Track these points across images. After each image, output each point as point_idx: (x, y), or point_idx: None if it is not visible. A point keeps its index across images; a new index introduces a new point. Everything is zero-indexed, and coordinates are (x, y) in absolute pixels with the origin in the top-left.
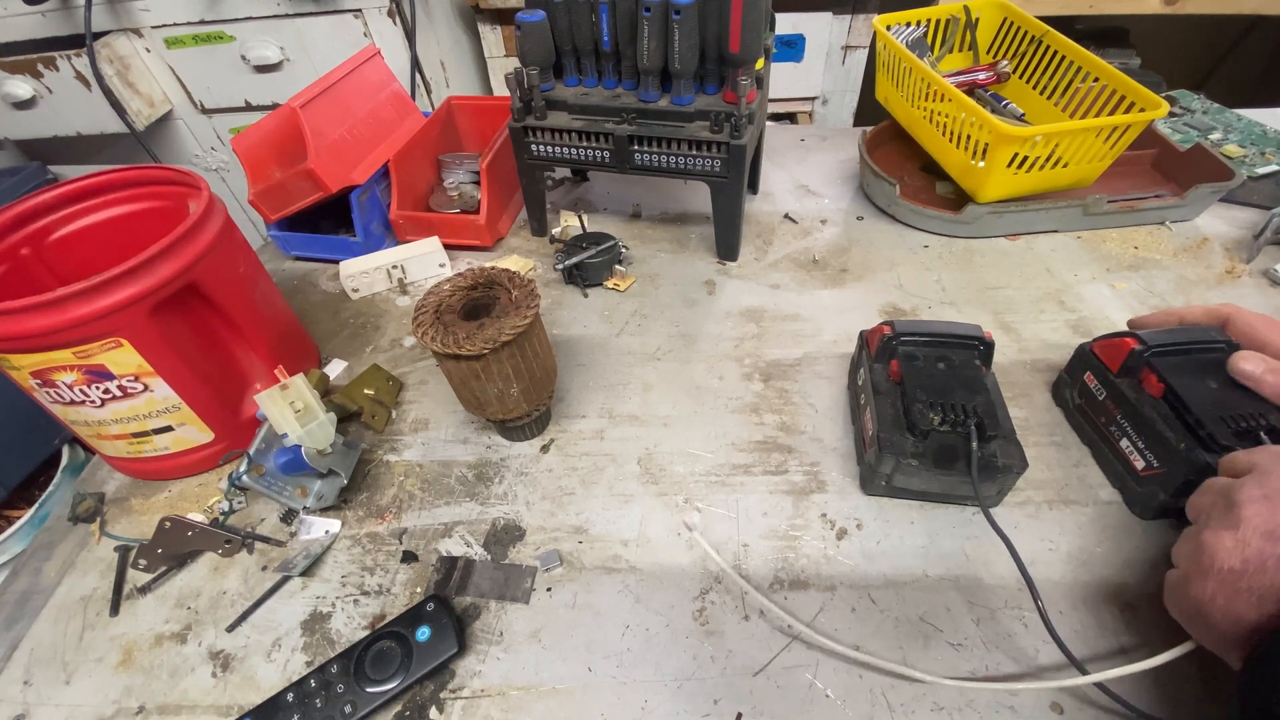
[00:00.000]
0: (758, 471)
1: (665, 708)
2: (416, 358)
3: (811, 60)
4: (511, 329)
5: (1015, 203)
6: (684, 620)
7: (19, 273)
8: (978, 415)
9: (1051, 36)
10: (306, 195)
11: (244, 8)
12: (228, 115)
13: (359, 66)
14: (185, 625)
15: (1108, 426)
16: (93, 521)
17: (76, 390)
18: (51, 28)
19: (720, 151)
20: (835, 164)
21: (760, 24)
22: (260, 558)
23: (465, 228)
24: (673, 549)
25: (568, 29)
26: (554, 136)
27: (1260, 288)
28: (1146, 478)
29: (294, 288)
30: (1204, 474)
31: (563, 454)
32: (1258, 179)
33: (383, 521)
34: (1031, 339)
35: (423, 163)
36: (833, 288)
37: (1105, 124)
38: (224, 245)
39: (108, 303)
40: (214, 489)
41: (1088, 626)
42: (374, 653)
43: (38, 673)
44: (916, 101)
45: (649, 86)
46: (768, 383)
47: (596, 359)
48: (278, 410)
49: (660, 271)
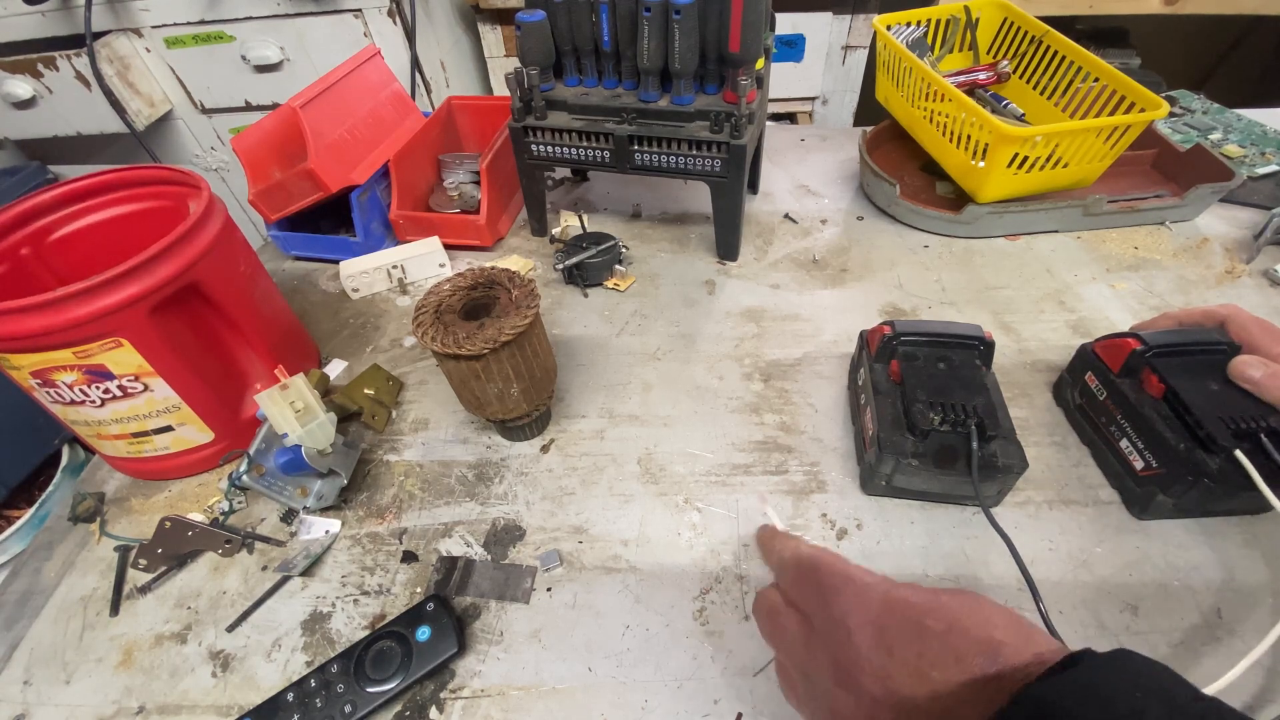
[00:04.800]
0: (758, 471)
1: (665, 708)
2: (416, 358)
3: (811, 60)
4: (511, 329)
5: (1015, 203)
6: (684, 620)
7: (19, 273)
8: (978, 415)
9: (1051, 36)
10: (306, 195)
11: (244, 8)
12: (228, 115)
13: (359, 66)
14: (185, 625)
15: (1108, 426)
16: (93, 521)
17: (76, 390)
18: (51, 28)
19: (720, 151)
20: (835, 164)
21: (760, 24)
22: (260, 558)
23: (465, 228)
24: (673, 549)
25: (568, 29)
26: (554, 136)
27: (1260, 288)
28: (1145, 478)
29: (294, 288)
30: (1204, 475)
31: (563, 454)
32: (1258, 179)
33: (383, 521)
34: (1031, 339)
35: (423, 163)
36: (833, 288)
37: (1105, 124)
38: (224, 245)
39: (108, 303)
40: (214, 489)
41: (1088, 626)
42: (374, 653)
43: (38, 673)
44: (916, 101)
45: (649, 86)
46: (768, 383)
47: (596, 359)
48: (278, 410)
49: (660, 271)
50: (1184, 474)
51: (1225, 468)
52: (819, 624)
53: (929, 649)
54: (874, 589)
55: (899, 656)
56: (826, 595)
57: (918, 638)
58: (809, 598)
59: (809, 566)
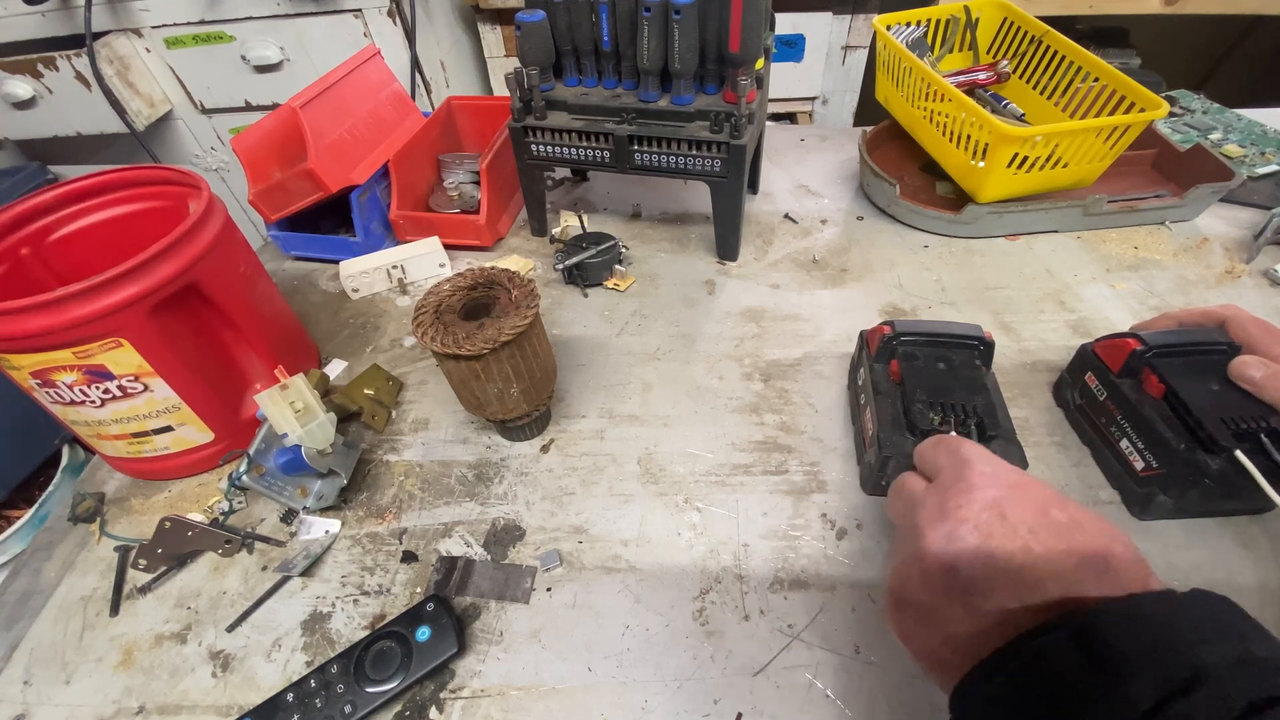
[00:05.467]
0: (758, 471)
1: (665, 708)
2: (416, 358)
3: (811, 60)
4: (511, 329)
5: (1015, 203)
6: (684, 620)
7: (19, 273)
8: (978, 415)
9: (1051, 36)
10: (306, 195)
11: (244, 8)
12: (228, 115)
13: (359, 66)
14: (185, 625)
15: (1108, 427)
16: (93, 521)
17: (76, 390)
18: (51, 28)
19: (720, 151)
20: (835, 164)
21: (760, 24)
22: (260, 558)
23: (465, 228)
24: (673, 549)
25: (568, 29)
26: (554, 136)
27: (1260, 288)
28: (1146, 478)
29: (294, 288)
30: (1204, 475)
31: (563, 454)
32: (1258, 179)
33: (383, 521)
34: (1031, 339)
35: (423, 163)
36: (833, 288)
37: (1105, 124)
38: (224, 245)
39: (108, 303)
40: (214, 489)
41: None
42: (374, 653)
43: (38, 673)
44: (916, 101)
45: (649, 86)
46: (768, 383)
47: (596, 359)
48: (278, 410)
49: (660, 271)
50: (1184, 474)
51: (1225, 468)
52: (943, 479)
53: (1043, 527)
54: (1014, 473)
55: (1011, 521)
56: (960, 461)
57: (1036, 514)
58: (943, 461)
59: (953, 441)
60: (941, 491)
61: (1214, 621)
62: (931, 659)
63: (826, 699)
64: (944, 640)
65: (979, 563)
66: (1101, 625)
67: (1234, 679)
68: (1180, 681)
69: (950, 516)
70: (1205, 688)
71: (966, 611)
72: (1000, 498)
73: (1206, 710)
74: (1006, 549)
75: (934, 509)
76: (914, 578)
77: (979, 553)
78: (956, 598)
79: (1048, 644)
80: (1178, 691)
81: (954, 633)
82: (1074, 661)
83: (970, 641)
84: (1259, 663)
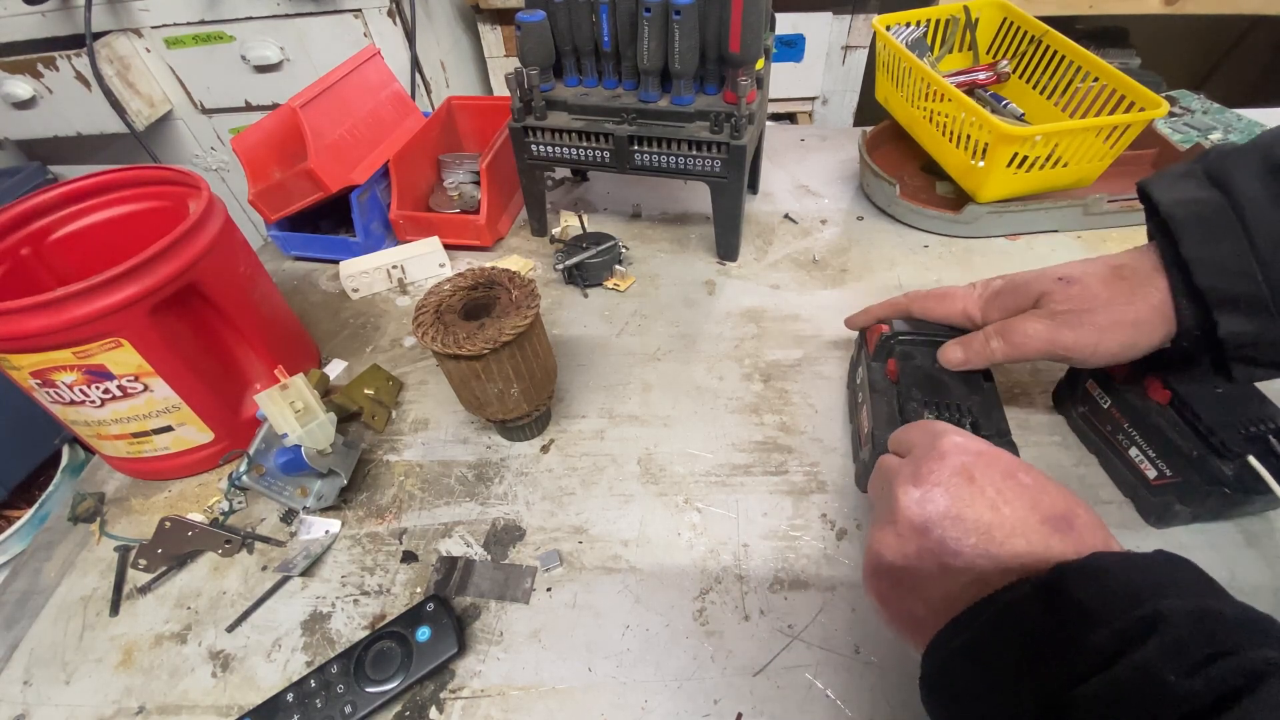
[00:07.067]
0: (758, 472)
1: (665, 708)
2: (416, 358)
3: (811, 60)
4: (511, 329)
5: (1015, 203)
6: (684, 620)
7: (19, 273)
8: (972, 414)
9: (1051, 36)
10: (306, 195)
11: (244, 8)
12: (228, 115)
13: (359, 66)
14: (185, 625)
15: (1114, 435)
16: (93, 521)
17: (76, 390)
18: (51, 28)
19: (720, 151)
20: (835, 164)
21: (760, 24)
22: (260, 558)
23: (465, 228)
24: (673, 549)
25: (568, 29)
26: (554, 136)
27: None
28: (1159, 487)
29: (294, 288)
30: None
31: (563, 454)
32: None
33: (383, 521)
34: None
35: (423, 163)
36: (833, 288)
37: (1105, 124)
38: (224, 245)
39: (107, 303)
40: (214, 489)
41: None
42: (374, 653)
43: (38, 673)
44: (916, 101)
45: (649, 86)
46: (768, 383)
47: (596, 359)
48: (278, 410)
49: (660, 271)
50: (1200, 482)
51: (1241, 474)
52: (916, 453)
53: (1010, 489)
54: (983, 443)
55: (979, 483)
56: (932, 434)
57: (1003, 477)
58: (916, 438)
59: (926, 422)
60: (915, 463)
61: (1174, 579)
62: (907, 621)
63: (826, 699)
64: (919, 601)
65: (949, 522)
66: (1066, 581)
67: (1193, 630)
68: (1138, 631)
69: (923, 482)
70: (1159, 634)
71: (940, 572)
72: (969, 463)
73: (1162, 658)
74: (975, 509)
75: (907, 477)
76: (890, 542)
77: (949, 513)
78: (930, 558)
79: (1014, 598)
80: (1136, 639)
81: (928, 594)
82: (1038, 614)
83: (944, 603)
84: (1217, 616)
